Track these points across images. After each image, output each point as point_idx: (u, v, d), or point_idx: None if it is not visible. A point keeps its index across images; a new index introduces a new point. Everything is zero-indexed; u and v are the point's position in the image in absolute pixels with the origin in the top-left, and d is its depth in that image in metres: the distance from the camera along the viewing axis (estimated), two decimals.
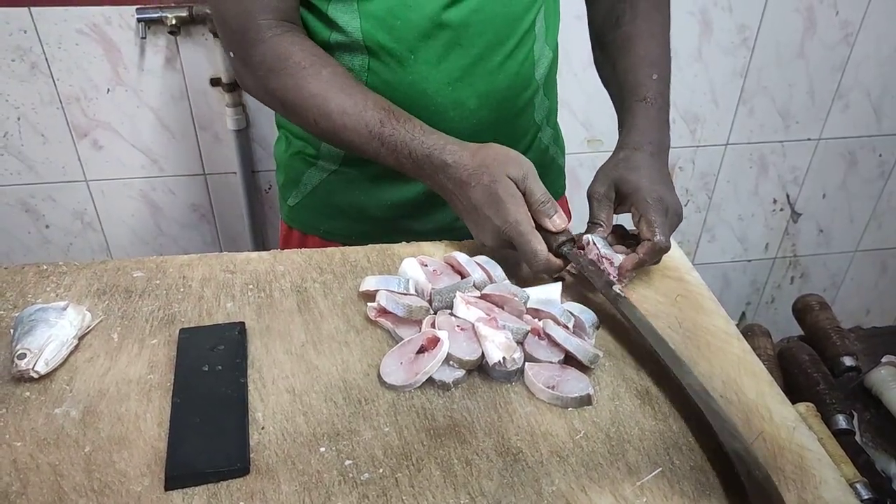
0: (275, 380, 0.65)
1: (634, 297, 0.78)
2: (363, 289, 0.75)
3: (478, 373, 0.67)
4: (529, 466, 0.58)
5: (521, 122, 0.97)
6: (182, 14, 1.40)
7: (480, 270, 0.77)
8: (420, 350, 0.67)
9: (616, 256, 0.77)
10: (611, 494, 0.56)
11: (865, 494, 0.86)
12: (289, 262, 0.81)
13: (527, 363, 0.67)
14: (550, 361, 0.68)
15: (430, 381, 0.65)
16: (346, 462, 0.58)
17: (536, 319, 0.72)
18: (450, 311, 0.71)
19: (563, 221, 0.76)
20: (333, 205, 0.99)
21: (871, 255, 2.24)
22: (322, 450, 0.59)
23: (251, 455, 0.58)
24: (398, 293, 0.72)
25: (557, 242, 0.76)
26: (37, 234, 1.64)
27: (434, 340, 0.67)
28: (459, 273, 0.78)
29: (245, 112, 1.55)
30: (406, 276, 0.75)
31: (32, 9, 1.37)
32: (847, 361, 1.13)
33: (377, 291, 0.72)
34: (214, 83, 1.52)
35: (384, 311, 0.71)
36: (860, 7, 1.75)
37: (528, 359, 0.68)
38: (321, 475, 0.57)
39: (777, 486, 0.56)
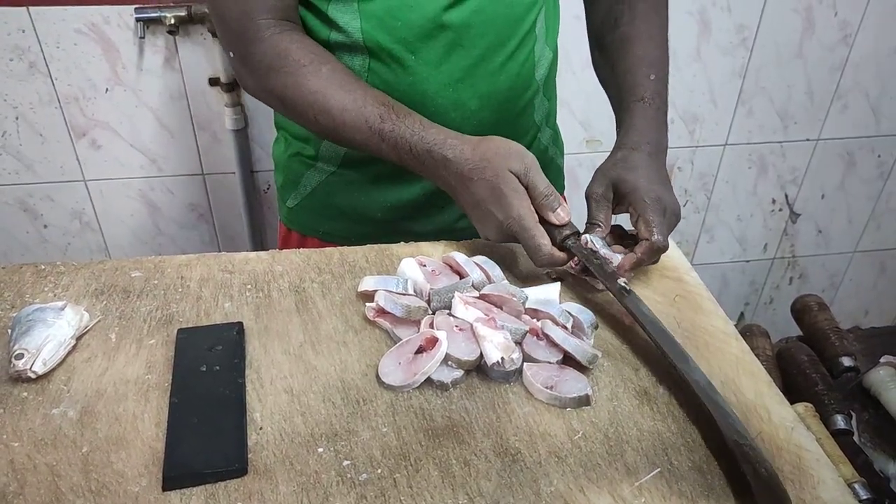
0: (273, 380, 0.65)
1: None
2: (362, 289, 0.75)
3: (476, 373, 0.67)
4: (528, 467, 0.58)
5: (521, 123, 0.97)
6: (181, 14, 1.40)
7: (479, 270, 0.77)
8: (418, 350, 0.67)
9: (614, 256, 0.77)
10: (609, 495, 0.56)
11: (864, 495, 0.87)
12: (287, 263, 0.81)
13: (525, 363, 0.67)
14: (549, 362, 0.67)
15: (429, 382, 0.65)
16: (345, 462, 0.58)
17: (535, 320, 0.72)
18: (448, 312, 0.71)
19: (567, 214, 0.77)
20: (333, 206, 0.99)
21: (870, 256, 2.24)
22: (320, 450, 0.59)
23: (249, 455, 0.58)
24: (397, 293, 0.72)
25: (562, 236, 0.76)
26: (35, 234, 1.64)
27: (432, 341, 0.67)
28: (458, 273, 0.78)
29: (244, 112, 1.55)
30: (404, 277, 0.75)
31: (31, 8, 1.37)
32: (845, 362, 1.13)
33: (375, 291, 0.72)
34: (213, 83, 1.52)
35: (382, 312, 0.71)
36: (859, 7, 1.75)
37: (527, 359, 0.68)
38: (319, 476, 0.57)
39: (783, 484, 0.56)
